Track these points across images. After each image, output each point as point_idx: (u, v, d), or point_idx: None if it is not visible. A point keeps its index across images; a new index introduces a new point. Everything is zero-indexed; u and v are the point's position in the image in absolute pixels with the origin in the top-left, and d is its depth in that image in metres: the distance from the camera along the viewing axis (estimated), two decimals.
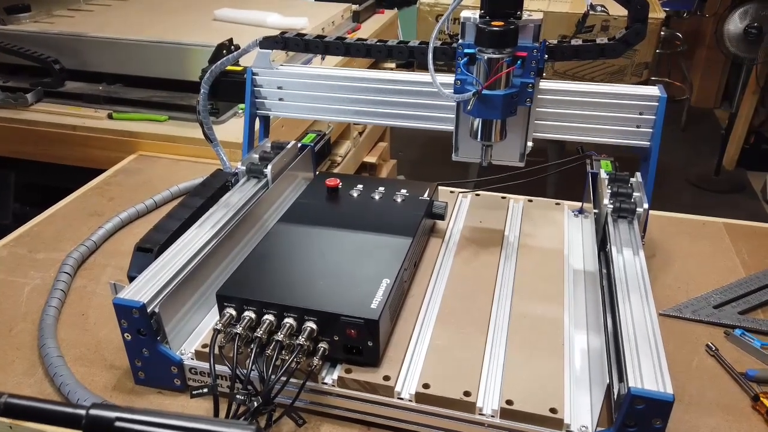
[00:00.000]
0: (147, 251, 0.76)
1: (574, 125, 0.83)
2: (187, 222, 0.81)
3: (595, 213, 0.87)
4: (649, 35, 1.51)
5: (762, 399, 0.66)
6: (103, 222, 0.98)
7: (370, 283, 0.68)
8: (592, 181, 0.90)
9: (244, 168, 0.89)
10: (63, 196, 1.09)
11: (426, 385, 0.62)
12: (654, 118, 0.81)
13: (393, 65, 1.84)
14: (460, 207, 0.97)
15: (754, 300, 0.81)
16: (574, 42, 0.79)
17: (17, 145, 1.31)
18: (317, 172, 1.02)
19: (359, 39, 0.87)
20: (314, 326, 0.63)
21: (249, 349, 0.63)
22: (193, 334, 0.71)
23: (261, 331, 0.64)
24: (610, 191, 0.81)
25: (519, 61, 0.74)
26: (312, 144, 1.00)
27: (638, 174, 0.83)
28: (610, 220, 0.79)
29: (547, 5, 2.07)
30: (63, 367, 0.70)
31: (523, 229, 0.90)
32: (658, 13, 2.04)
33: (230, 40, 1.16)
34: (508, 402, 0.60)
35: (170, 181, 1.10)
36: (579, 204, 0.95)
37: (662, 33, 2.61)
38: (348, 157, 1.64)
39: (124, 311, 0.64)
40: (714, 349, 0.73)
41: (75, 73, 1.41)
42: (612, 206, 0.79)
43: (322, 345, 0.64)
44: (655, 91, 0.81)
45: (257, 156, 0.91)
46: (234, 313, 0.66)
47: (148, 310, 0.64)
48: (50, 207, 1.05)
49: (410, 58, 0.84)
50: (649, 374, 0.55)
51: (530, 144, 0.83)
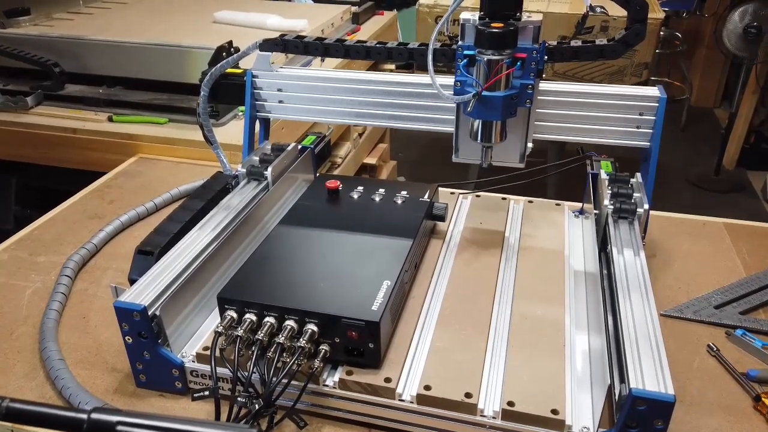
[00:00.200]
0: (148, 254, 0.76)
1: (574, 126, 0.83)
2: (187, 224, 0.81)
3: (595, 214, 0.87)
4: (649, 35, 1.51)
5: (763, 399, 0.65)
6: (103, 225, 0.98)
7: (370, 284, 0.68)
8: (593, 181, 0.89)
9: (245, 170, 0.89)
10: (63, 199, 1.09)
11: (427, 387, 0.62)
12: (654, 118, 0.81)
13: (393, 67, 1.84)
14: (461, 208, 0.97)
15: (755, 300, 0.81)
16: (573, 43, 0.79)
17: (18, 148, 1.31)
18: (317, 174, 1.02)
19: (359, 41, 0.87)
20: (315, 328, 0.63)
21: (250, 352, 0.63)
22: (194, 337, 0.71)
23: (262, 334, 0.63)
24: (610, 192, 0.81)
25: (519, 63, 0.74)
26: (312, 146, 1.00)
27: (638, 174, 0.83)
28: (610, 220, 0.79)
29: (546, 6, 2.07)
30: (64, 370, 0.70)
31: (523, 230, 0.90)
32: (657, 14, 2.04)
33: (230, 43, 1.16)
34: (510, 403, 0.60)
35: (170, 184, 1.10)
36: (579, 205, 0.95)
37: (662, 33, 2.61)
38: (348, 159, 1.64)
39: (125, 314, 0.64)
40: (715, 349, 0.73)
41: (75, 76, 1.41)
42: (612, 207, 0.79)
43: (323, 347, 0.64)
44: (654, 91, 0.81)
45: (257, 158, 0.91)
46: (235, 315, 0.66)
47: (149, 313, 0.64)
48: (51, 210, 1.05)
49: (410, 59, 0.84)
50: (650, 375, 0.55)
51: (530, 145, 0.83)
